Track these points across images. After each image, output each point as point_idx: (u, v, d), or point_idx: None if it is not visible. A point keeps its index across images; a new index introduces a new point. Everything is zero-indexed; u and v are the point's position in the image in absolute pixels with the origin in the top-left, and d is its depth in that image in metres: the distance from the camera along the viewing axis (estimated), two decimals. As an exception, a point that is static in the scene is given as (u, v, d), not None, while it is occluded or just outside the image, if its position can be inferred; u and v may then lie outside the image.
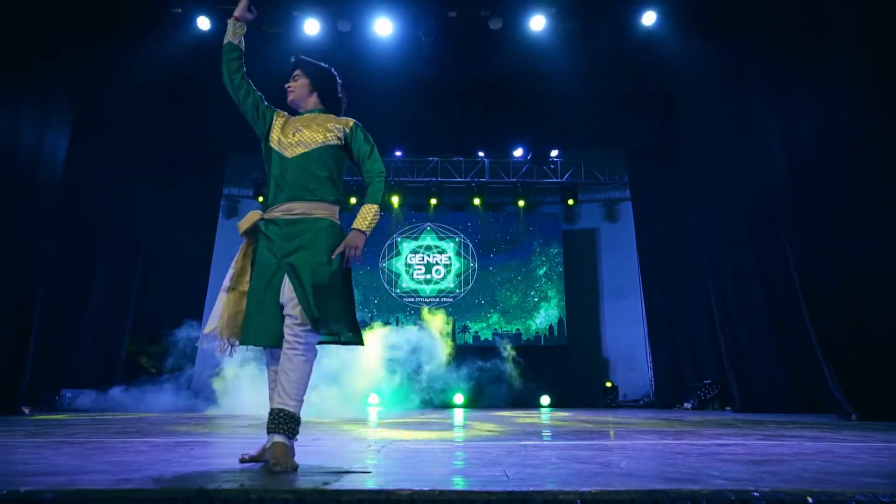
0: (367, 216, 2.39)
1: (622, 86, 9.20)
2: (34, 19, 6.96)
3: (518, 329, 12.02)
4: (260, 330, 2.29)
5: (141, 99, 8.55)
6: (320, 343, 2.34)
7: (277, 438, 2.15)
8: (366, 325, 11.91)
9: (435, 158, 11.98)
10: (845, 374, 5.92)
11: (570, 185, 12.14)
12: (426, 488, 1.61)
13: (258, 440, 2.78)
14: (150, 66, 8.30)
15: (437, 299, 12.05)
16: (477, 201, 12.18)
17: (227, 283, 2.42)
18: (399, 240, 12.32)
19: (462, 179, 12.06)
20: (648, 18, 8.07)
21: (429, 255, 12.23)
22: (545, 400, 10.84)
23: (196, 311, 10.22)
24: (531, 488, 1.62)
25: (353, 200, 11.83)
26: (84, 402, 8.02)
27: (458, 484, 1.75)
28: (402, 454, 2.56)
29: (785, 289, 7.30)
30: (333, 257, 2.30)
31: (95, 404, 8.09)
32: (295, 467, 2.06)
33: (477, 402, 10.80)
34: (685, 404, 9.58)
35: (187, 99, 9.30)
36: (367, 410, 8.93)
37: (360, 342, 2.39)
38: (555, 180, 12.16)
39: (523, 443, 3.08)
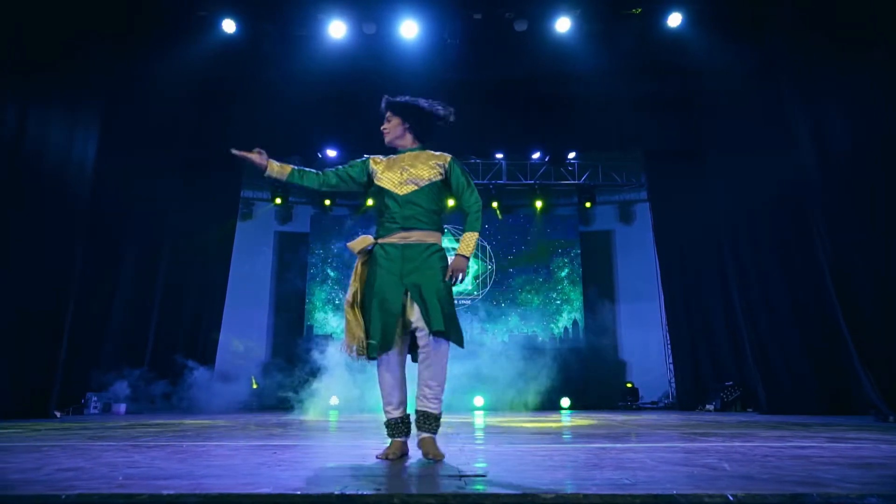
0: (469, 244, 2.75)
1: (644, 87, 9.19)
2: (61, 22, 6.97)
3: (534, 331, 12.01)
4: (381, 339, 2.56)
5: (164, 100, 8.54)
6: None
7: (425, 435, 2.58)
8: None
9: (452, 160, 11.97)
10: (882, 376, 5.92)
11: (587, 186, 12.14)
12: (569, 491, 1.60)
13: (313, 443, 2.76)
14: (174, 69, 8.29)
15: (455, 301, 12.02)
16: (494, 203, 12.17)
17: (349, 297, 2.70)
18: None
19: (479, 181, 12.04)
20: (674, 20, 8.08)
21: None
22: (565, 402, 10.82)
23: (216, 314, 10.23)
24: (674, 491, 1.61)
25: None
26: (112, 406, 8.00)
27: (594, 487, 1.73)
28: (494, 456, 2.55)
29: (812, 288, 7.29)
30: (445, 280, 2.64)
31: (118, 408, 8.07)
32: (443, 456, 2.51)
33: (496, 404, 10.78)
34: (707, 406, 9.58)
35: (208, 101, 9.29)
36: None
37: (462, 344, 2.67)
38: (572, 182, 12.16)
39: (599, 445, 3.07)
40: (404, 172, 2.77)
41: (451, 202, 10.52)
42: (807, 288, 7.42)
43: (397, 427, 2.65)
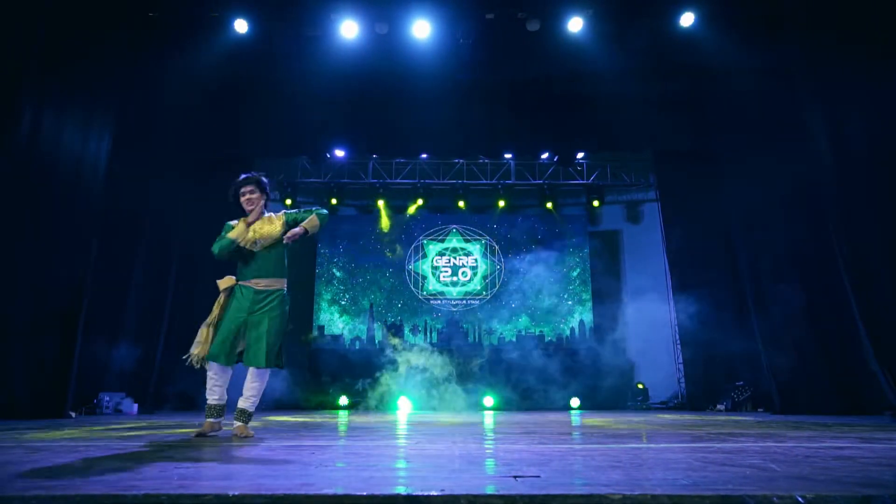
0: (311, 222, 3.73)
1: (656, 87, 9.18)
2: (75, 23, 6.95)
3: (542, 331, 12.00)
4: (225, 354, 3.55)
5: (176, 101, 8.52)
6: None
7: (239, 424, 3.58)
8: (396, 328, 11.91)
9: (460, 160, 11.98)
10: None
11: (595, 186, 12.14)
12: (636, 492, 1.60)
13: (348, 443, 2.76)
14: (187, 69, 8.30)
15: (464, 301, 12.02)
16: (502, 203, 12.17)
17: (209, 320, 3.63)
18: (425, 242, 12.30)
19: (488, 181, 12.05)
20: (687, 19, 8.08)
21: (455, 258, 12.21)
22: (575, 402, 10.81)
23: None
24: (741, 491, 1.60)
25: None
26: (124, 406, 7.98)
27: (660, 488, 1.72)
28: (533, 457, 2.53)
29: (828, 287, 7.28)
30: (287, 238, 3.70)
31: (131, 408, 8.05)
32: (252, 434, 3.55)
33: (506, 404, 10.77)
34: (718, 406, 9.58)
35: (219, 101, 9.27)
36: (398, 414, 8.90)
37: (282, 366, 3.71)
38: (581, 182, 12.16)
39: (634, 445, 3.06)
40: (256, 233, 3.63)
41: (461, 202, 10.46)
42: (822, 287, 7.42)
43: (215, 410, 3.63)
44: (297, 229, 3.64)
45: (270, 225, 3.69)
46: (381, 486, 1.72)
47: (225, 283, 3.64)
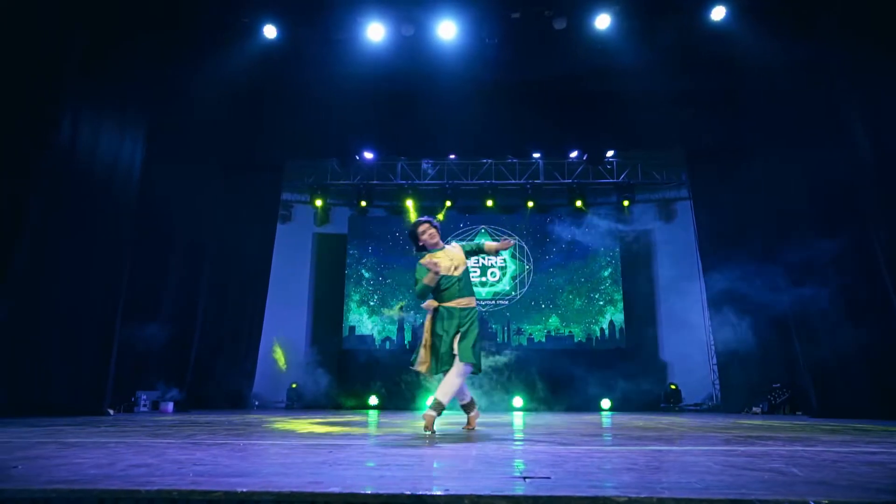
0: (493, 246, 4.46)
1: (686, 84, 9.01)
2: (110, 31, 7.17)
3: (572, 331, 11.88)
4: (440, 365, 4.08)
5: (207, 105, 8.72)
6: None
7: (428, 412, 3.97)
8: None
9: (488, 161, 11.96)
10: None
11: (626, 185, 11.96)
12: (643, 495, 1.57)
13: (366, 443, 2.77)
14: (217, 74, 8.49)
15: (493, 302, 11.99)
16: (531, 203, 12.09)
17: (423, 342, 4.17)
18: (453, 243, 12.31)
19: (516, 181, 11.99)
20: (717, 13, 7.89)
21: (483, 258, 12.19)
22: (605, 403, 10.67)
23: (258, 314, 10.42)
24: (752, 496, 1.56)
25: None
26: (160, 404, 8.22)
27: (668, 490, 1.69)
28: (550, 458, 2.52)
29: (868, 286, 7.01)
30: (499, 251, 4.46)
31: (166, 406, 8.28)
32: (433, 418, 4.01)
33: (535, 405, 10.70)
34: (754, 408, 9.31)
35: (249, 105, 9.47)
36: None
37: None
38: (611, 180, 12.00)
39: (655, 448, 3.01)
40: (451, 261, 4.16)
41: (489, 202, 10.39)
42: (862, 286, 7.15)
43: (442, 408, 4.05)
44: (504, 243, 4.36)
45: (458, 252, 4.24)
46: (389, 486, 1.73)
47: (432, 304, 4.18)
